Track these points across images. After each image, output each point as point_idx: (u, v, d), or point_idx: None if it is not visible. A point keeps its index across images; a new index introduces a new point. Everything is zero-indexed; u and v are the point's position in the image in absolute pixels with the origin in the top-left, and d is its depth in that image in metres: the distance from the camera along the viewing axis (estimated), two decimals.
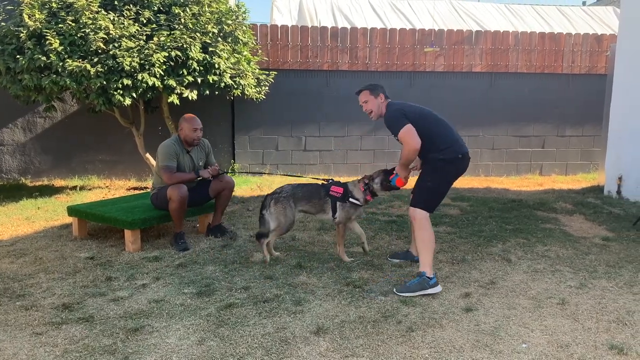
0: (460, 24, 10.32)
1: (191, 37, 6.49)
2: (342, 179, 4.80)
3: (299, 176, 5.87)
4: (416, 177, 4.13)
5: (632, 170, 6.95)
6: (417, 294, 3.73)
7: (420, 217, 3.90)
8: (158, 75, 6.32)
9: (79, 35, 6.17)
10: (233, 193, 5.42)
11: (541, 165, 9.53)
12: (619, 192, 7.18)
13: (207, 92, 6.93)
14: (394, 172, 4.19)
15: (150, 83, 6.25)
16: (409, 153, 3.87)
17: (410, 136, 3.80)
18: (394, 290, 3.81)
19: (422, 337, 3.16)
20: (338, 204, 4.38)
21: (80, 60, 6.12)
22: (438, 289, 3.80)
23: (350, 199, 4.38)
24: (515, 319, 3.42)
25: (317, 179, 4.91)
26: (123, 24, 6.36)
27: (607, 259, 4.59)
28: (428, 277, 3.78)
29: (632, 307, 3.60)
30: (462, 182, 8.35)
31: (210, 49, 6.67)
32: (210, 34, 6.73)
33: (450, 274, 4.23)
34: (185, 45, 6.38)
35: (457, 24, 10.33)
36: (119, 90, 6.26)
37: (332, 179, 4.64)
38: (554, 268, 4.37)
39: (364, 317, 3.41)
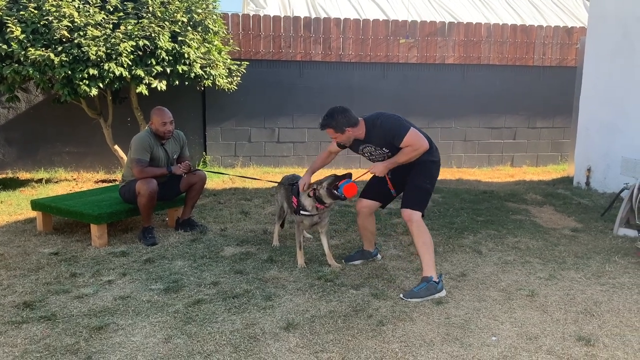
0: (434, 16, 10.32)
1: (159, 26, 6.33)
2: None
3: (256, 178, 5.76)
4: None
5: (600, 162, 7.06)
6: (425, 299, 3.58)
7: (417, 219, 3.72)
8: (125, 65, 6.16)
9: (41, 23, 5.96)
10: (204, 186, 5.32)
11: (512, 156, 9.63)
12: (587, 183, 7.28)
13: (177, 82, 6.79)
14: (345, 178, 3.96)
15: (117, 73, 6.09)
16: (414, 153, 3.69)
17: (420, 137, 3.69)
18: (401, 296, 3.62)
19: (392, 331, 3.14)
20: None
21: (44, 49, 5.92)
22: (443, 292, 3.65)
23: (302, 212, 4.14)
24: (486, 312, 3.42)
25: (273, 182, 4.91)
26: (88, 11, 6.17)
27: (576, 250, 4.65)
28: (435, 282, 3.62)
29: (599, 298, 3.65)
30: None
31: (180, 38, 6.53)
32: (179, 23, 6.58)
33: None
34: (153, 35, 6.23)
35: (430, 15, 10.33)
36: (84, 81, 6.08)
37: (296, 183, 4.29)
38: (524, 260, 4.40)
39: (335, 312, 3.38)
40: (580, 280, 3.96)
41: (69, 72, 5.99)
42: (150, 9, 6.45)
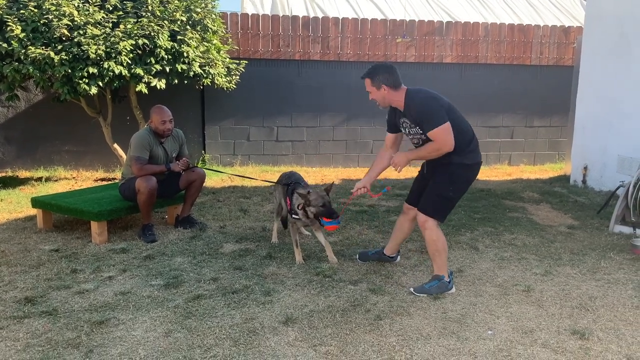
0: (432, 15, 10.36)
1: (159, 25, 6.36)
2: (314, 170, 4.78)
3: (253, 178, 5.82)
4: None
5: (596, 160, 7.10)
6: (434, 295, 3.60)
7: (431, 226, 3.58)
8: (125, 64, 6.19)
9: (41, 21, 5.99)
10: (203, 184, 5.36)
11: (510, 155, 9.67)
12: (584, 181, 7.33)
13: (176, 81, 6.82)
14: (333, 216, 3.96)
15: (116, 72, 6.12)
16: (434, 152, 3.49)
17: (449, 135, 3.43)
18: (411, 289, 3.66)
19: (390, 325, 3.19)
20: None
21: (44, 47, 5.95)
22: (453, 290, 3.67)
23: (293, 215, 4.25)
24: (482, 306, 3.47)
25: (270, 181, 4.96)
26: (88, 10, 6.20)
27: (572, 247, 4.69)
28: (446, 281, 3.63)
29: (594, 293, 3.69)
30: None
31: (179, 37, 6.56)
32: (178, 22, 6.61)
33: (419, 262, 4.27)
34: (152, 33, 6.26)
35: (428, 14, 10.37)
36: (84, 79, 6.11)
37: (292, 183, 4.39)
38: (520, 256, 4.45)
39: (333, 307, 3.42)
40: (576, 276, 4.01)
41: (69, 71, 6.02)
42: (150, 8, 6.48)
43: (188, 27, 6.74)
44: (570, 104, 8.19)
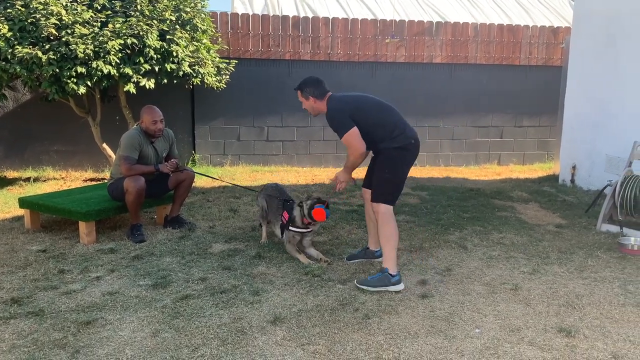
0: (422, 15, 10.39)
1: (148, 25, 6.34)
2: (305, 170, 4.79)
3: (250, 189, 5.86)
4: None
5: (585, 159, 7.16)
6: (377, 289, 3.63)
7: (383, 212, 3.73)
8: (114, 63, 6.15)
9: (29, 20, 5.95)
10: (193, 184, 5.34)
11: (499, 155, 9.72)
12: (572, 180, 7.38)
13: (165, 80, 6.79)
14: (320, 202, 4.12)
15: (105, 71, 6.08)
16: (355, 158, 3.79)
17: (356, 139, 3.70)
18: (355, 282, 3.75)
19: (378, 323, 3.19)
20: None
21: (31, 47, 5.91)
22: (400, 287, 3.65)
23: (291, 228, 4.27)
24: (470, 305, 3.48)
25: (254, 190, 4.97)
26: (76, 10, 6.16)
27: (560, 246, 4.73)
28: (391, 274, 3.64)
29: (581, 291, 3.72)
30: (422, 172, 8.46)
31: (168, 36, 6.53)
32: (167, 22, 6.58)
33: (408, 261, 4.29)
34: (141, 33, 6.23)
35: (418, 14, 10.40)
36: (72, 79, 6.07)
37: (292, 200, 4.49)
38: (509, 255, 4.47)
39: (322, 306, 3.42)
40: (563, 275, 4.04)
41: (57, 70, 5.98)
42: (139, 7, 6.45)
43: (177, 26, 6.72)
44: (558, 104, 8.24)
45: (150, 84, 6.58)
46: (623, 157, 6.17)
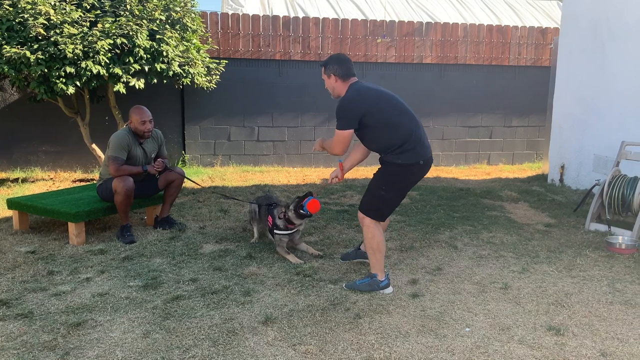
0: (412, 15, 10.43)
1: (137, 24, 6.30)
2: (296, 170, 4.79)
3: (238, 199, 5.91)
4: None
5: (573, 159, 7.22)
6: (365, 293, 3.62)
7: (369, 224, 3.61)
8: (103, 63, 6.11)
9: (17, 20, 5.89)
10: (183, 184, 5.32)
11: (489, 154, 9.78)
12: (561, 180, 7.45)
13: (155, 80, 6.76)
14: (307, 197, 4.14)
15: (94, 71, 6.04)
16: (331, 152, 3.75)
17: (341, 143, 3.56)
18: (344, 285, 3.74)
19: (369, 323, 3.20)
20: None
21: (19, 46, 5.85)
22: (389, 290, 3.65)
23: (276, 232, 4.36)
24: (460, 304, 3.50)
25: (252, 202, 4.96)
26: (65, 9, 6.11)
27: (549, 245, 4.77)
28: (379, 280, 3.62)
29: (570, 290, 3.75)
30: None
31: (158, 36, 6.50)
32: (157, 21, 6.55)
33: (399, 261, 4.30)
34: (131, 33, 6.19)
35: (408, 15, 10.44)
36: (61, 79, 6.02)
37: (274, 204, 4.54)
38: (498, 254, 4.50)
39: (313, 306, 3.42)
40: (552, 273, 4.07)
41: (45, 70, 5.93)
42: (128, 7, 6.42)
43: (167, 26, 6.69)
44: (547, 104, 8.31)
45: (139, 84, 6.55)
46: (611, 157, 6.23)
